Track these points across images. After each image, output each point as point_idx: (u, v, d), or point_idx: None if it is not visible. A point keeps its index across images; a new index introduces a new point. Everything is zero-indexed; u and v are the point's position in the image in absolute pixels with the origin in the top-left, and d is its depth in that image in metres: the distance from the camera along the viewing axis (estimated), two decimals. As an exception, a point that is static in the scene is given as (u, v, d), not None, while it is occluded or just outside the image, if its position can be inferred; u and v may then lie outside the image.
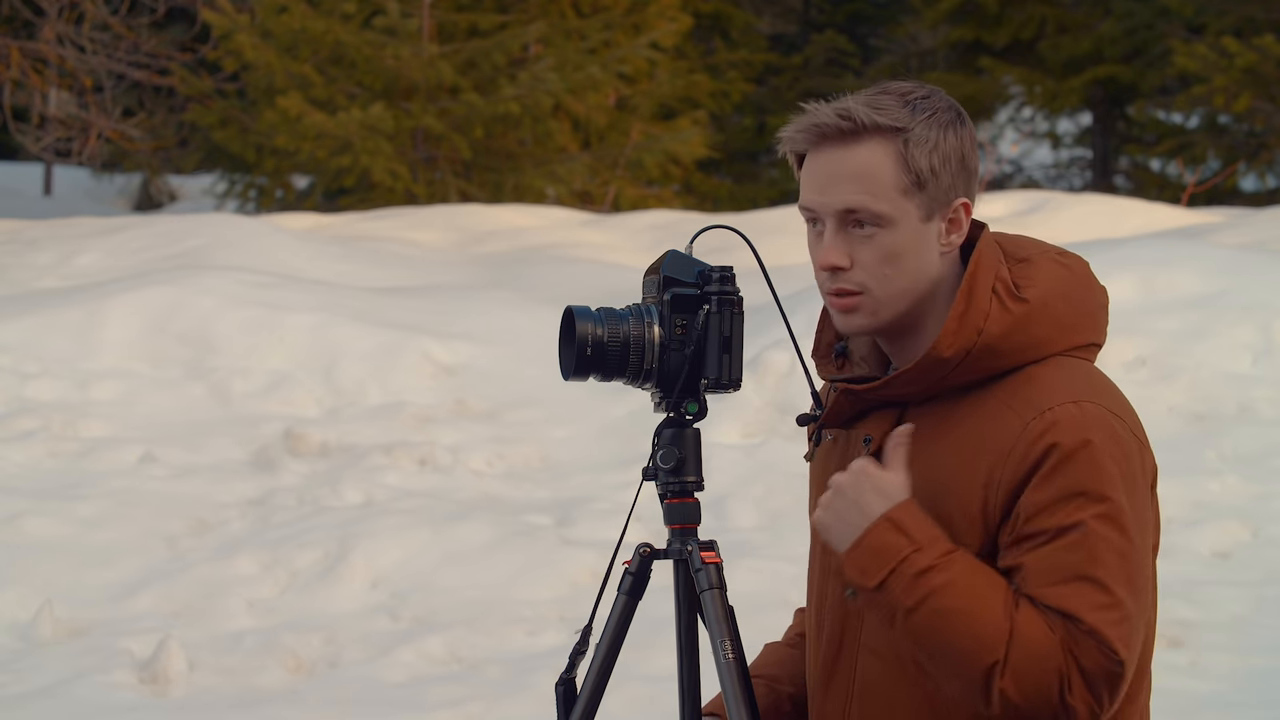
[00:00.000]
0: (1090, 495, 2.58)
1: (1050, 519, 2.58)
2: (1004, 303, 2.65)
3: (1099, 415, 2.62)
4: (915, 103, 2.66)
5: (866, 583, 2.58)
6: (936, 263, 2.68)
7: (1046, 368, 2.67)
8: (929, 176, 2.64)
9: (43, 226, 14.41)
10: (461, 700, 6.62)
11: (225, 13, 19.04)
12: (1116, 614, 2.56)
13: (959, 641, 2.55)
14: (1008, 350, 2.66)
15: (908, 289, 2.67)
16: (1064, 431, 2.59)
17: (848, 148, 2.65)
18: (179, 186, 31.80)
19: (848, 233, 2.67)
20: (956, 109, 2.69)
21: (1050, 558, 2.57)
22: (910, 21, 27.48)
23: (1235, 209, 16.97)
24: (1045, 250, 2.74)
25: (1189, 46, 20.20)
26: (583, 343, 2.79)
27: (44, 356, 9.86)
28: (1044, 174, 27.55)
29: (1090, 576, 2.56)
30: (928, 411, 2.69)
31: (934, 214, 2.66)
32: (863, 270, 2.66)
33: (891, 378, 2.69)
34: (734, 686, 2.73)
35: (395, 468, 8.81)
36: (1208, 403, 9.06)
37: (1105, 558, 2.57)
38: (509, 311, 10.92)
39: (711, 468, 8.41)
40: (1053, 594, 2.56)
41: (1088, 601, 2.55)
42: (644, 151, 20.85)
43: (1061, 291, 2.70)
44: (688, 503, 2.83)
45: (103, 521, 8.15)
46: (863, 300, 2.68)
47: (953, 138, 2.66)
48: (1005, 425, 2.63)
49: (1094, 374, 2.70)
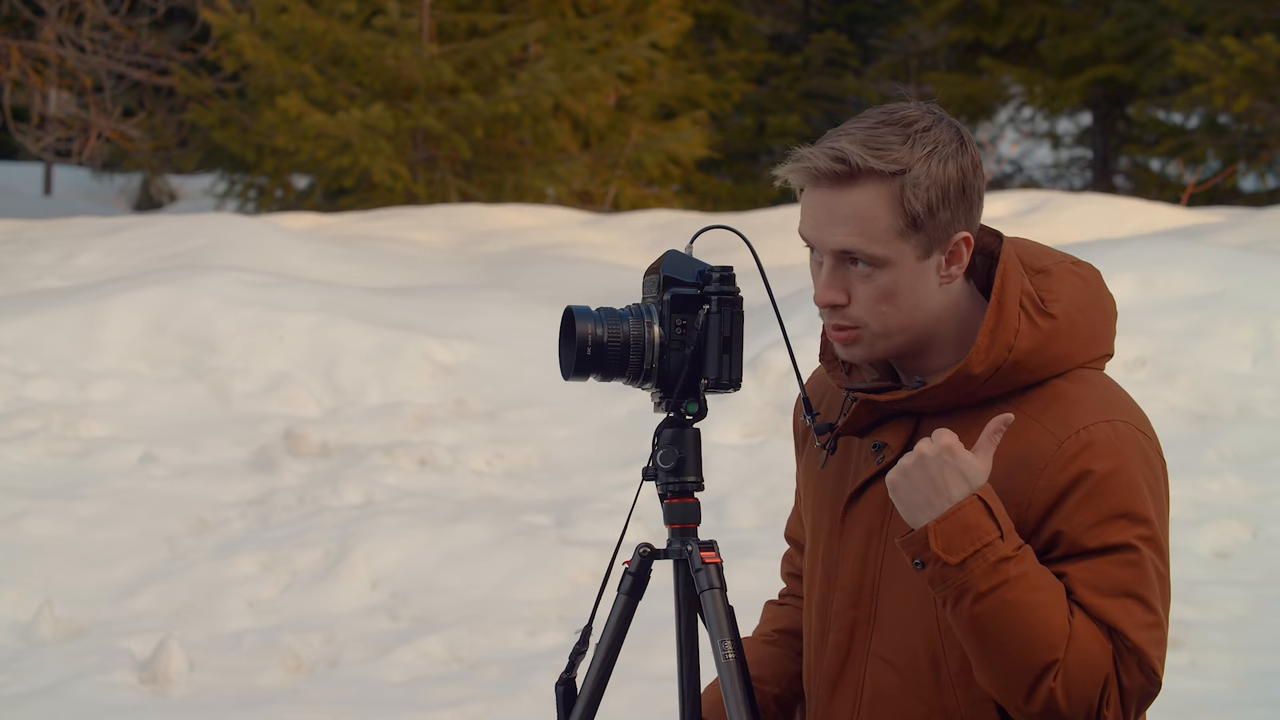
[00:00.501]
0: (1133, 517, 2.60)
1: (1096, 537, 2.59)
2: (1032, 319, 2.67)
3: (1131, 436, 2.64)
4: (915, 137, 2.63)
5: (950, 558, 2.55)
6: (936, 295, 2.68)
7: (1070, 383, 2.68)
8: (925, 217, 2.63)
9: (43, 226, 14.40)
10: (461, 700, 6.62)
11: (225, 13, 19.04)
12: (1159, 634, 2.59)
13: (1023, 635, 2.54)
14: (1035, 366, 2.67)
15: (905, 324, 2.68)
16: (1101, 452, 2.61)
17: (842, 191, 2.63)
18: (179, 186, 31.80)
19: (845, 270, 2.67)
20: (960, 136, 2.66)
21: (1100, 570, 2.59)
22: (910, 21, 27.48)
23: (1235, 209, 16.97)
24: (1061, 260, 2.74)
25: (1189, 46, 20.20)
26: (583, 343, 2.79)
27: (44, 356, 9.86)
28: (1044, 174, 27.56)
29: (1138, 595, 2.58)
30: (945, 422, 2.70)
31: (932, 251, 2.66)
32: (859, 306, 2.67)
33: (919, 392, 2.69)
34: (734, 686, 2.73)
35: (395, 468, 8.81)
36: (1208, 403, 9.06)
37: (1150, 578, 2.59)
38: (509, 311, 10.92)
39: (711, 468, 8.41)
40: (1102, 606, 2.57)
41: (1135, 619, 2.58)
42: (644, 151, 20.85)
43: (1081, 305, 2.71)
44: (688, 503, 2.82)
45: (103, 521, 8.15)
46: (860, 334, 2.69)
47: (952, 169, 2.64)
48: (1037, 442, 2.63)
49: (1115, 388, 2.72)
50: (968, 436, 2.67)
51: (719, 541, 2.90)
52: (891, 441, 2.73)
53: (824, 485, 2.83)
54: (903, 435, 2.72)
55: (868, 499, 2.76)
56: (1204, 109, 22.24)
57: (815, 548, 2.83)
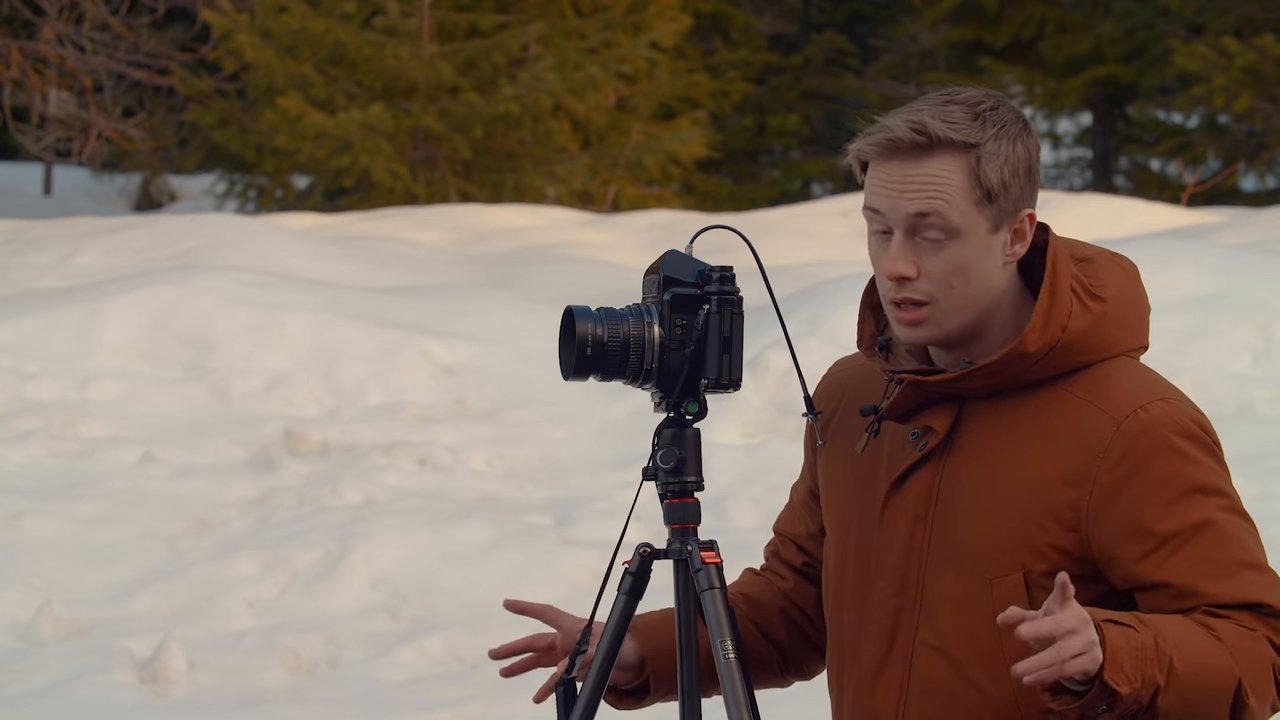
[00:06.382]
0: (1206, 489, 2.62)
1: (1175, 519, 2.60)
2: (1084, 302, 2.68)
3: (1188, 411, 2.67)
4: (985, 115, 2.67)
5: (1129, 689, 2.53)
6: (1001, 273, 2.70)
7: (1116, 368, 2.70)
8: (1000, 190, 2.66)
9: (43, 226, 14.40)
10: (461, 700, 6.62)
11: (225, 13, 19.04)
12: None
13: (1209, 687, 2.55)
14: (1084, 348, 2.68)
15: (973, 300, 2.68)
16: (1165, 429, 2.63)
17: (920, 160, 2.66)
18: (179, 186, 31.78)
19: (915, 242, 2.67)
20: (1022, 119, 2.71)
21: (1199, 559, 2.60)
22: (910, 21, 27.47)
23: (1235, 209, 16.97)
24: (1102, 252, 2.77)
25: (1189, 46, 20.20)
26: (583, 343, 2.79)
27: (44, 356, 9.86)
28: (1044, 174, 27.51)
29: (1248, 563, 2.61)
30: (991, 406, 2.70)
31: (1001, 225, 2.68)
32: (929, 280, 2.67)
33: (970, 371, 2.69)
34: (734, 686, 2.73)
35: (395, 468, 8.81)
36: (1208, 403, 9.06)
37: (1245, 542, 2.62)
38: (509, 311, 10.92)
39: (711, 468, 8.41)
40: (1224, 590, 2.58)
41: (1258, 585, 2.60)
42: (644, 151, 20.84)
43: (1127, 293, 2.74)
44: (688, 503, 2.82)
45: (103, 521, 8.15)
46: (929, 311, 2.69)
47: (1020, 149, 2.68)
48: (1093, 423, 2.64)
49: (1158, 374, 2.74)
50: (1012, 420, 2.68)
51: (719, 541, 2.88)
52: (937, 426, 2.72)
53: (856, 475, 2.81)
54: (947, 420, 2.72)
55: (911, 486, 2.74)
56: (1204, 109, 22.23)
57: (845, 539, 2.82)
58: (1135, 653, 2.51)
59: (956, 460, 2.72)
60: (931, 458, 2.73)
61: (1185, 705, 2.55)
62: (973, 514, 2.69)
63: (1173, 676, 2.53)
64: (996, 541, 2.67)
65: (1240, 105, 19.75)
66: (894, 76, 27.22)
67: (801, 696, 6.12)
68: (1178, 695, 2.54)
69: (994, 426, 2.70)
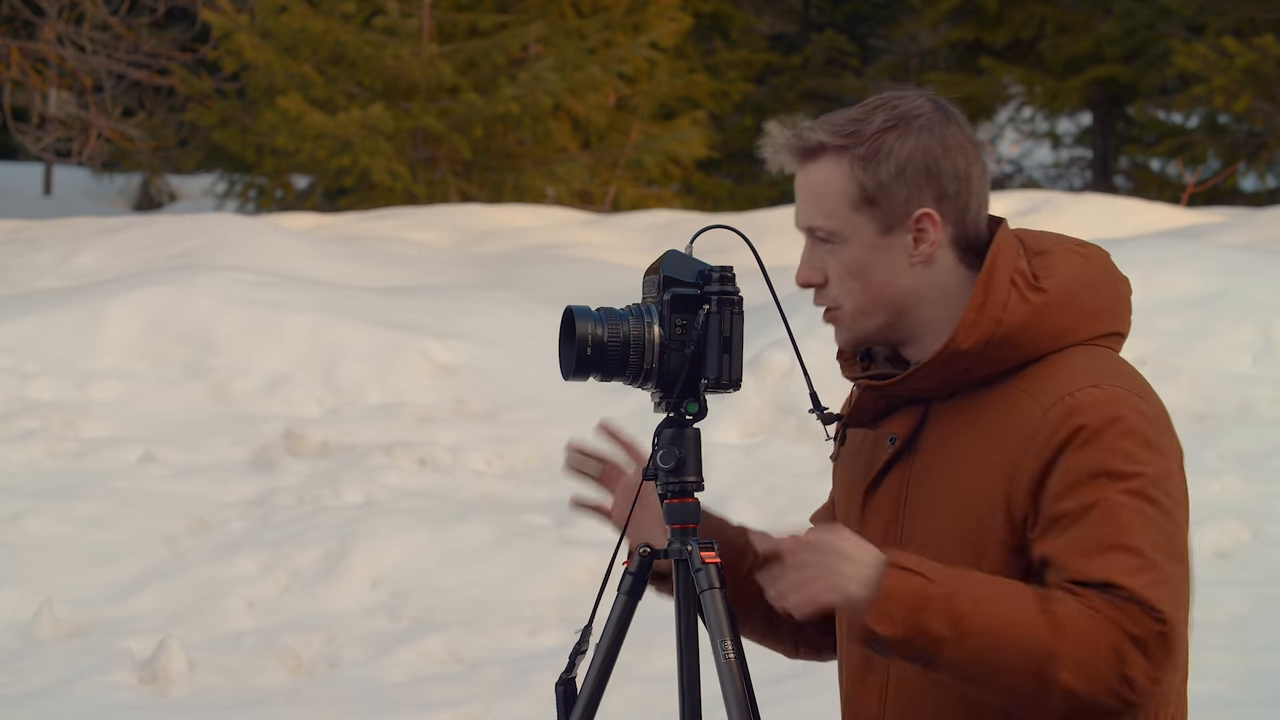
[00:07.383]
0: (1113, 474, 2.58)
1: (1073, 500, 2.58)
2: (1023, 293, 2.67)
3: (1120, 396, 2.63)
4: (874, 113, 2.69)
5: (892, 632, 2.54)
6: (908, 274, 2.69)
7: (1067, 356, 2.68)
8: (879, 191, 2.66)
9: (43, 226, 14.40)
10: (461, 700, 6.62)
11: (225, 13, 19.04)
12: (1151, 576, 2.54)
13: (1007, 652, 2.53)
14: (1027, 340, 2.67)
15: (880, 302, 2.70)
16: (1086, 414, 2.60)
17: (805, 168, 2.71)
18: (179, 186, 31.79)
19: (820, 249, 2.72)
20: (932, 116, 2.69)
21: (1079, 536, 2.57)
22: (910, 21, 27.46)
23: (1235, 209, 16.97)
24: (1063, 241, 2.76)
25: (1189, 46, 20.19)
26: (583, 343, 2.79)
27: (44, 356, 9.86)
28: (1044, 174, 27.54)
29: (1121, 545, 2.56)
30: (952, 406, 2.71)
31: (893, 227, 2.68)
32: (834, 285, 2.72)
33: (911, 372, 2.70)
34: (734, 686, 2.73)
35: (395, 468, 8.81)
36: (1208, 403, 9.06)
37: (1133, 526, 2.56)
38: (509, 311, 10.92)
39: (711, 468, 8.40)
40: (1087, 568, 2.55)
41: (1122, 568, 2.54)
42: (644, 151, 20.84)
43: (1082, 280, 2.71)
44: (688, 503, 2.82)
45: (103, 521, 8.15)
46: (838, 315, 2.74)
47: (911, 146, 2.67)
48: (1026, 413, 2.64)
49: (1115, 360, 2.71)
50: (968, 419, 2.68)
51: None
52: (899, 429, 2.73)
53: (846, 478, 2.85)
54: (910, 423, 2.73)
55: (883, 489, 2.76)
56: (1204, 109, 22.22)
57: None
58: (910, 600, 2.52)
59: (921, 462, 2.73)
60: (900, 460, 2.75)
61: (977, 665, 2.53)
62: (935, 514, 2.70)
63: (963, 633, 2.51)
64: (954, 540, 2.68)
65: (1240, 105, 19.74)
66: (894, 76, 27.21)
67: (802, 696, 6.12)
68: (967, 653, 2.52)
69: (954, 426, 2.70)
